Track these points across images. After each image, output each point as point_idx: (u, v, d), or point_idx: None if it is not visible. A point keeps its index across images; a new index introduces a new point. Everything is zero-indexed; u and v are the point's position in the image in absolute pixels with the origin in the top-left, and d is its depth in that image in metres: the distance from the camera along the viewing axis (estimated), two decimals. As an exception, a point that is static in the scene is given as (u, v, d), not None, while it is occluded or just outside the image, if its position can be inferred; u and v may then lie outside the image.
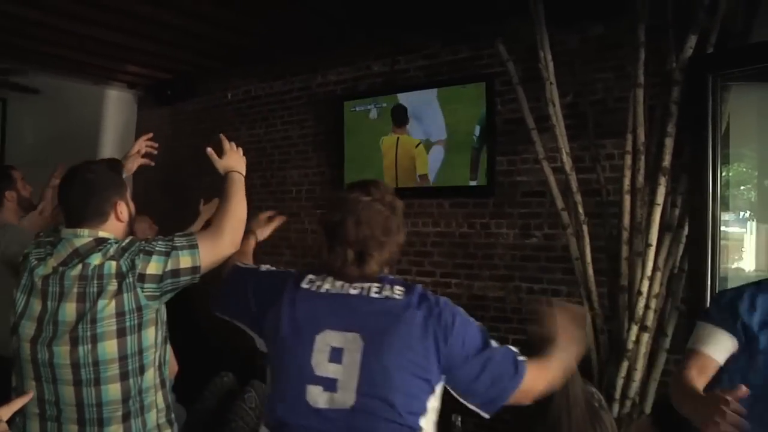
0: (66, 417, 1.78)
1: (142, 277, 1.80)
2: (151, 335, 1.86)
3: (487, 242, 4.35)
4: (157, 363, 1.89)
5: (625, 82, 3.46)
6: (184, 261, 1.85)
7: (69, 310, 1.77)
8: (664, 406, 3.23)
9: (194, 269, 1.88)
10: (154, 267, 1.82)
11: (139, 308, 1.81)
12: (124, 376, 1.79)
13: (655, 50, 3.21)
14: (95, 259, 1.80)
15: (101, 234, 1.89)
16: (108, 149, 7.04)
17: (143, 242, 1.88)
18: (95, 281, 1.77)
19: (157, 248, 1.86)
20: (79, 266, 1.80)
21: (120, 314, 1.78)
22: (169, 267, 1.84)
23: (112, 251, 1.83)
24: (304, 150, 5.47)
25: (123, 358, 1.78)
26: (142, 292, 1.80)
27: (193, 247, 1.89)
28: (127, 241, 1.89)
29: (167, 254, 1.85)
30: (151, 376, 1.86)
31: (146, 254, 1.83)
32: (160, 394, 1.90)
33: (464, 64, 4.46)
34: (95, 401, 1.77)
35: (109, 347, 1.76)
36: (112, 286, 1.78)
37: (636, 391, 3.19)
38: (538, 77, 3.54)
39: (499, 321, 4.27)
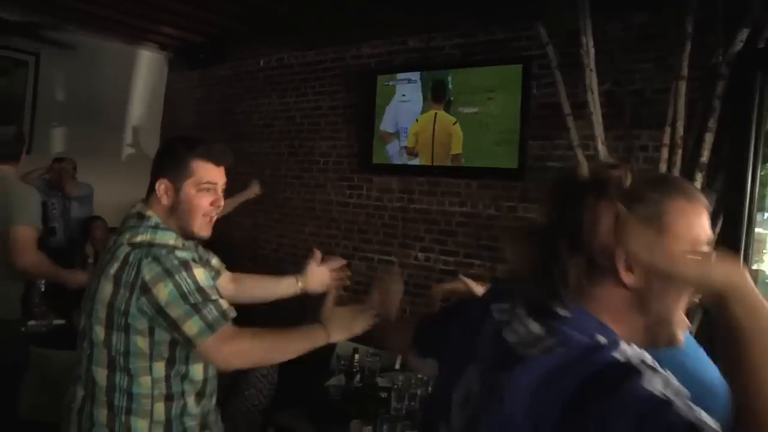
0: (81, 383, 1.80)
1: (145, 288, 1.64)
2: (142, 344, 1.70)
3: (514, 225, 4.33)
4: (159, 374, 1.73)
5: (666, 74, 3.39)
6: (191, 326, 1.65)
7: (93, 281, 1.78)
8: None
9: (189, 342, 1.67)
10: (164, 292, 1.64)
11: (127, 312, 1.67)
12: (111, 366, 1.70)
13: (701, 42, 3.14)
14: (122, 237, 1.75)
15: (147, 211, 1.82)
16: (137, 109, 7.08)
17: (169, 255, 1.69)
18: (108, 256, 1.74)
19: (180, 279, 1.66)
20: (113, 238, 1.80)
21: (110, 305, 1.69)
22: (174, 314, 1.64)
23: (139, 237, 1.73)
24: (334, 122, 5.47)
25: (109, 349, 1.71)
26: (137, 301, 1.65)
27: (212, 328, 1.66)
28: (163, 239, 1.76)
29: (186, 301, 1.65)
30: (147, 383, 1.71)
31: (165, 272, 1.65)
32: (161, 405, 1.73)
33: (501, 45, 4.41)
34: (91, 377, 1.73)
35: (99, 332, 1.71)
36: (114, 270, 1.69)
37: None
38: (576, 63, 3.49)
39: (519, 305, 4.27)
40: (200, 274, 1.71)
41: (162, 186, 1.83)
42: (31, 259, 2.85)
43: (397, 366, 3.45)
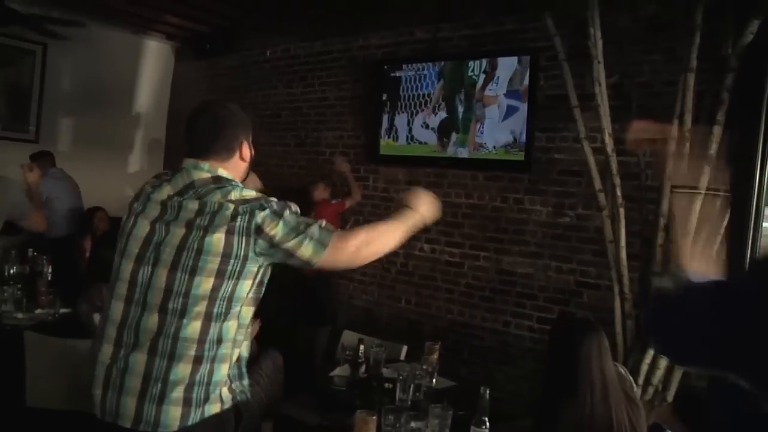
0: (140, 344, 1.76)
1: (259, 230, 1.77)
2: (246, 288, 1.81)
3: (520, 218, 4.33)
4: (242, 319, 1.85)
5: (674, 66, 3.37)
6: (305, 250, 1.80)
7: (177, 234, 1.78)
8: (687, 396, 3.24)
9: (308, 263, 1.82)
10: (277, 230, 1.78)
11: (246, 257, 1.77)
12: (207, 317, 1.76)
13: (711, 34, 3.12)
14: (215, 197, 1.80)
15: (221, 171, 1.89)
16: (143, 99, 7.09)
17: (271, 201, 1.83)
18: (208, 216, 1.77)
19: (287, 218, 1.81)
20: (197, 202, 1.80)
21: (226, 255, 1.75)
22: (289, 244, 1.79)
23: (233, 196, 1.81)
24: (340, 112, 5.46)
25: (213, 299, 1.76)
26: (255, 244, 1.77)
27: (323, 245, 1.81)
28: (251, 194, 1.85)
29: (296, 232, 1.80)
30: (233, 329, 1.82)
31: (273, 214, 1.79)
32: (235, 351, 1.85)
33: (509, 36, 4.39)
34: (173, 333, 1.74)
35: (205, 283, 1.75)
36: (225, 223, 1.76)
37: (660, 378, 3.19)
38: (584, 54, 3.47)
39: (525, 297, 4.27)
40: (297, 208, 1.88)
41: (244, 147, 1.97)
42: None
43: (402, 357, 3.45)
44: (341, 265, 1.94)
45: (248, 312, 1.87)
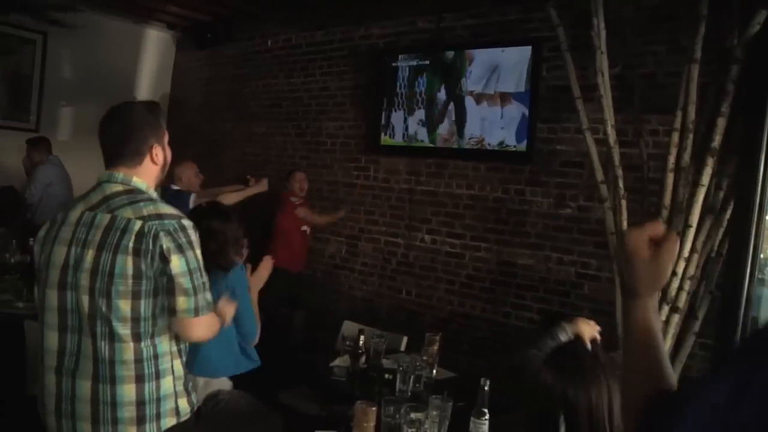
0: (81, 372, 1.74)
1: (163, 257, 1.73)
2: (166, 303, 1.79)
3: (521, 209, 4.31)
4: (171, 329, 1.82)
5: (678, 57, 3.35)
6: (184, 302, 1.77)
7: (89, 257, 1.74)
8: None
9: (171, 312, 1.78)
10: (175, 263, 1.74)
11: (154, 277, 1.75)
12: (136, 337, 1.74)
13: (716, 25, 3.09)
14: (125, 213, 1.76)
15: (135, 181, 1.85)
16: (144, 89, 7.06)
17: (182, 228, 1.79)
18: (117, 233, 1.73)
19: (190, 258, 1.78)
20: (108, 216, 1.77)
21: (136, 277, 1.73)
22: (178, 285, 1.76)
23: (145, 211, 1.76)
24: (341, 102, 5.43)
25: (136, 319, 1.74)
26: (157, 267, 1.74)
27: (197, 312, 1.80)
28: (165, 209, 1.80)
29: (191, 279, 1.77)
30: (166, 342, 1.81)
31: (177, 247, 1.75)
32: (177, 361, 1.84)
33: (512, 26, 4.36)
34: (108, 357, 1.72)
35: (123, 305, 1.72)
36: (134, 244, 1.72)
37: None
38: (586, 45, 3.45)
39: (525, 289, 4.26)
40: (200, 254, 1.84)
41: (155, 150, 1.90)
42: None
43: (403, 348, 3.45)
44: (180, 332, 1.85)
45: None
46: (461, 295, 4.60)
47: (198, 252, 1.81)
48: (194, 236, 1.82)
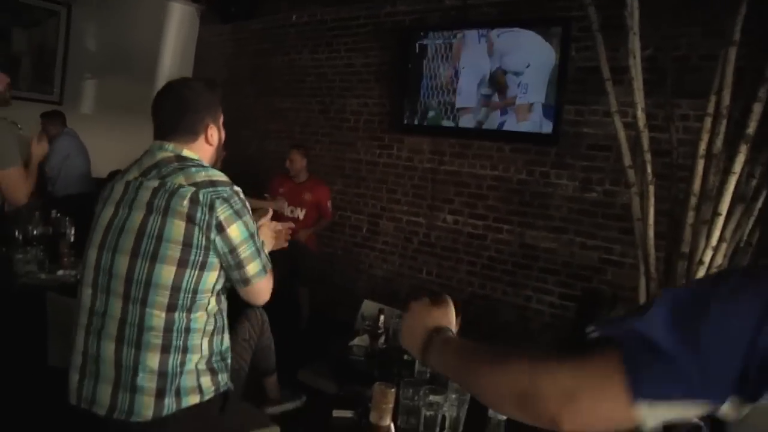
0: (107, 332, 1.73)
1: (220, 227, 1.73)
2: (212, 279, 1.77)
3: (545, 191, 4.25)
4: (211, 309, 1.80)
5: (713, 40, 3.24)
6: (254, 267, 1.81)
7: (136, 218, 1.74)
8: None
9: (245, 282, 1.83)
10: (237, 232, 1.76)
11: (207, 248, 1.73)
12: (171, 307, 1.71)
13: (757, 4, 2.98)
14: (177, 178, 1.75)
15: (185, 152, 1.84)
16: (167, 62, 7.06)
17: (237, 195, 1.79)
18: (166, 196, 1.72)
19: (247, 221, 1.79)
20: (157, 181, 1.76)
21: (186, 245, 1.71)
22: (244, 254, 1.78)
23: (197, 177, 1.75)
24: (366, 79, 5.38)
25: (176, 289, 1.71)
26: (214, 242, 1.73)
27: (265, 272, 1.87)
28: (217, 176, 1.80)
29: (252, 243, 1.80)
30: (201, 319, 1.77)
31: (235, 213, 1.76)
32: (206, 341, 1.80)
33: (541, 4, 4.26)
34: (138, 322, 1.70)
35: (166, 272, 1.70)
36: (184, 209, 1.70)
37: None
38: (617, 25, 3.35)
39: (548, 272, 4.22)
40: (252, 218, 1.86)
41: (211, 131, 1.91)
42: (25, 195, 2.96)
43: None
44: (253, 299, 1.91)
45: (218, 302, 1.84)
46: (482, 277, 4.57)
47: (251, 215, 1.84)
48: (246, 202, 1.83)
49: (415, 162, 4.99)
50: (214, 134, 1.93)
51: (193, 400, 1.77)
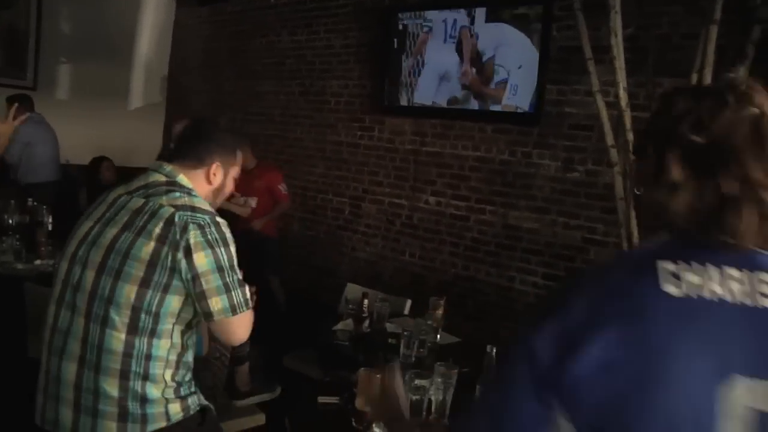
0: (69, 352, 1.67)
1: (188, 251, 1.65)
2: (175, 304, 1.68)
3: (527, 172, 4.25)
4: (176, 339, 1.72)
5: (695, 18, 3.24)
6: (217, 302, 1.69)
7: (110, 234, 1.69)
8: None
9: (207, 316, 1.70)
10: (202, 260, 1.66)
11: (173, 270, 1.65)
12: (132, 329, 1.64)
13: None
14: (159, 199, 1.70)
15: (180, 177, 1.80)
16: (144, 45, 6.94)
17: (216, 226, 1.72)
18: (145, 217, 1.68)
19: (219, 254, 1.70)
20: (141, 201, 1.72)
21: (152, 265, 1.65)
22: (206, 285, 1.67)
23: (179, 201, 1.71)
24: (346, 60, 5.33)
25: (136, 309, 1.64)
26: (180, 262, 1.65)
27: (232, 311, 1.71)
28: (201, 204, 1.75)
29: (221, 276, 1.69)
30: (164, 347, 1.69)
31: (206, 242, 1.68)
32: (169, 372, 1.72)
33: (522, -17, 4.23)
34: (97, 343, 1.63)
35: (128, 291, 1.64)
36: (160, 230, 1.66)
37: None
38: (599, 4, 3.33)
39: (531, 253, 4.22)
40: (234, 252, 1.77)
41: (215, 170, 1.88)
42: None
43: (407, 311, 3.42)
44: (222, 336, 1.82)
45: (183, 334, 1.75)
46: (466, 258, 4.57)
47: (231, 249, 1.74)
48: (228, 234, 1.74)
49: (396, 143, 4.96)
50: (218, 175, 1.88)
51: (159, 424, 1.70)
